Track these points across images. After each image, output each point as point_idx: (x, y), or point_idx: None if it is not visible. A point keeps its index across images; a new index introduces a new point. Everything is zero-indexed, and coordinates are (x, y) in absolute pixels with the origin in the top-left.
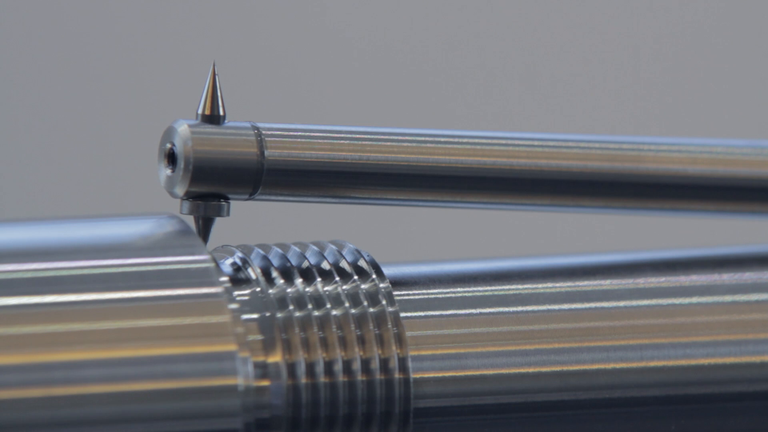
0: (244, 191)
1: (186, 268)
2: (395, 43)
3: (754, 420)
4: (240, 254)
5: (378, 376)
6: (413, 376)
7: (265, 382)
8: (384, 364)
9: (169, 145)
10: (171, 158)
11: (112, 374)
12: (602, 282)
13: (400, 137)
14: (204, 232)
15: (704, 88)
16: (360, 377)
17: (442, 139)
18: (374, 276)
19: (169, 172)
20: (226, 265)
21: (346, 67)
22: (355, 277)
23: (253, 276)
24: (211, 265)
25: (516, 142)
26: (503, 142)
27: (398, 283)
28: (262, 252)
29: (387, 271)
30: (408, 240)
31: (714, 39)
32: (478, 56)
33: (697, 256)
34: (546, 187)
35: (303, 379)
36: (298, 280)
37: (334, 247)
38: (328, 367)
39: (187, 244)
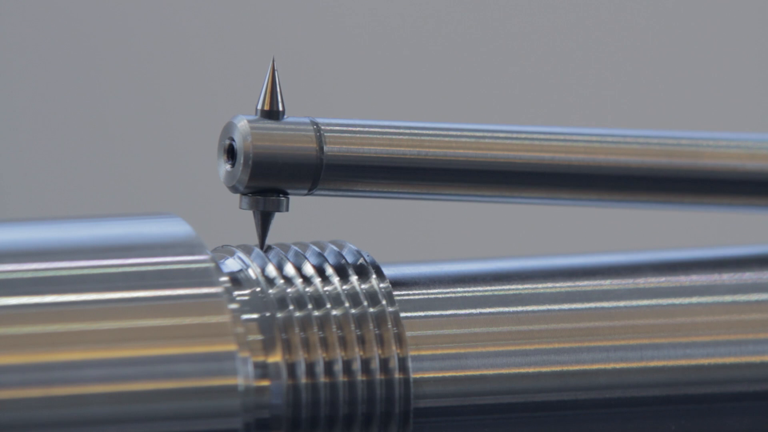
0: (302, 186)
1: (186, 268)
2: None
3: (754, 420)
4: (240, 254)
5: (378, 376)
6: (413, 376)
7: (265, 382)
8: (384, 364)
9: (228, 141)
10: (230, 153)
11: (112, 374)
12: (602, 282)
13: (458, 133)
14: (263, 227)
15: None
16: (360, 377)
17: (501, 135)
18: (374, 276)
19: (228, 167)
20: (226, 265)
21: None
22: (355, 277)
23: (253, 276)
24: (211, 265)
25: (574, 137)
26: (561, 137)
27: (398, 283)
28: (262, 252)
29: (387, 271)
30: (408, 240)
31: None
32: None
33: (697, 256)
34: (604, 182)
35: (303, 379)
36: (298, 280)
37: (334, 247)
38: (328, 367)
39: (188, 244)
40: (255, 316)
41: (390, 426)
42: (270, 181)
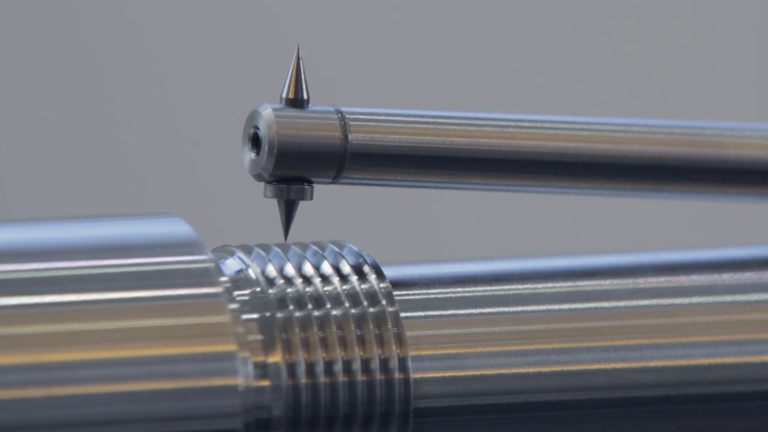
0: (327, 175)
1: (186, 268)
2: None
3: (754, 420)
4: (240, 254)
5: (378, 376)
6: (413, 376)
7: (265, 382)
8: (384, 364)
9: (253, 129)
10: (255, 142)
11: (112, 374)
12: (602, 282)
13: (482, 122)
14: (287, 215)
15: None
16: (360, 377)
17: (525, 124)
18: (374, 276)
19: (253, 155)
20: (226, 265)
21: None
22: (355, 277)
23: (253, 276)
24: (211, 265)
25: (599, 127)
26: (586, 127)
27: (398, 283)
28: (262, 252)
29: (387, 271)
30: (408, 240)
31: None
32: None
33: (697, 257)
34: (628, 172)
35: (303, 379)
36: (298, 280)
37: (334, 247)
38: (328, 367)
39: (188, 244)
40: (255, 316)
41: (390, 426)
42: (294, 169)
